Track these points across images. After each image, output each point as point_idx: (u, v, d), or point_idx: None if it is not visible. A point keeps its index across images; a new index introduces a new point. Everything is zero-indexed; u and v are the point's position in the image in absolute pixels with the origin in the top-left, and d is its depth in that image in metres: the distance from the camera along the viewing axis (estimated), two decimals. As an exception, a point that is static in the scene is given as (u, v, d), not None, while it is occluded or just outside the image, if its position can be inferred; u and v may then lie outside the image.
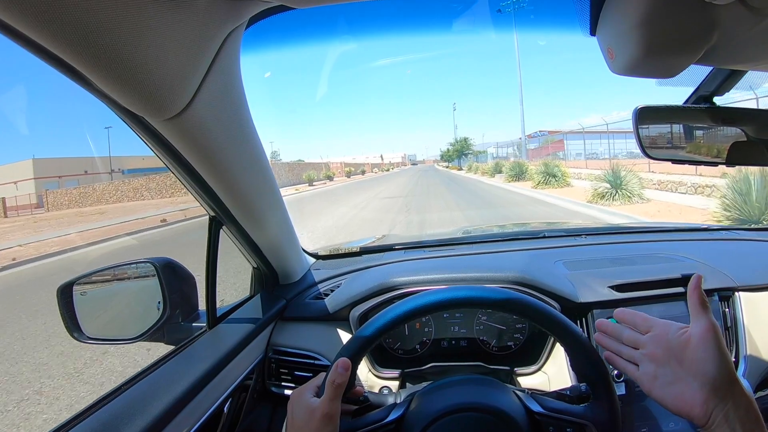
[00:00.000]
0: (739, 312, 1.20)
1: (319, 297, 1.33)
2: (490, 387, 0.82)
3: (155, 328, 1.06)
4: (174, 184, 31.96)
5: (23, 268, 10.02)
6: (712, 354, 0.65)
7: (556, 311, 0.78)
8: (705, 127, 1.03)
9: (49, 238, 14.20)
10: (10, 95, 29.72)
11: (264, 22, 0.71)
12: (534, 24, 0.91)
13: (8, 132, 47.04)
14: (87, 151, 44.79)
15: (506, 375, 1.17)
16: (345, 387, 0.74)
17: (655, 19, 0.68)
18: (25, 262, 10.48)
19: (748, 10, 0.60)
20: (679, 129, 1.02)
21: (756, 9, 0.60)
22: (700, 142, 1.01)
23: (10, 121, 36.12)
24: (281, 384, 1.20)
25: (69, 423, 0.74)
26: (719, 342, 0.66)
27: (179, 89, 0.62)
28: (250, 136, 0.88)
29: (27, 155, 47.86)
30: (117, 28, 0.48)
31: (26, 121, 36.90)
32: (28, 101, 29.01)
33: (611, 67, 0.81)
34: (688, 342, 0.68)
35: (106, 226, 15.90)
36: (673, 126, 1.01)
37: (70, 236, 14.03)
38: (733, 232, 1.68)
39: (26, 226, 20.93)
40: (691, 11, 0.66)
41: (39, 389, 3.69)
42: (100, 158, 41.76)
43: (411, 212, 12.53)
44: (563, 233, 1.72)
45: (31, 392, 3.66)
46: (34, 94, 28.94)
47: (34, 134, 49.63)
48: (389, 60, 54.57)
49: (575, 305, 1.17)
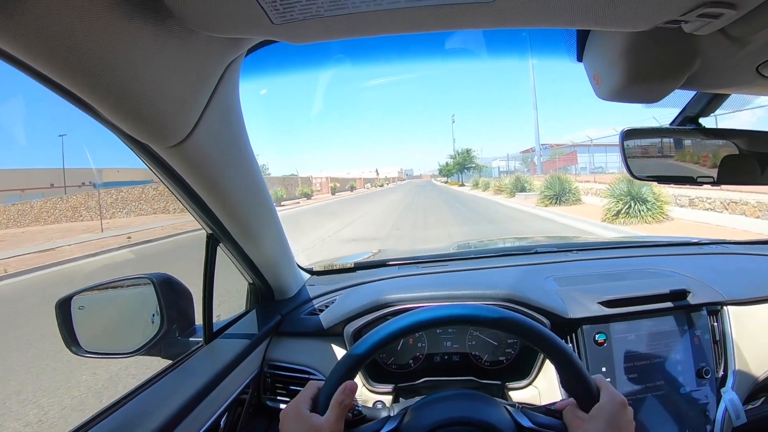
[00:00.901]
0: (727, 326, 1.22)
1: (314, 313, 1.35)
2: (481, 402, 0.83)
3: (153, 343, 1.07)
4: (120, 201, 29.10)
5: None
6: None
7: (544, 329, 0.80)
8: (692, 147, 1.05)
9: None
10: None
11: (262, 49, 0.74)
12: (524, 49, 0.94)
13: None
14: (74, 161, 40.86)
15: (498, 389, 1.18)
16: (349, 408, 0.75)
17: (639, 48, 0.71)
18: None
19: (728, 38, 0.63)
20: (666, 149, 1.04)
21: (735, 38, 0.62)
22: (689, 161, 1.03)
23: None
24: (276, 398, 1.21)
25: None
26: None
27: (182, 118, 0.65)
28: (247, 158, 0.92)
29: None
30: (123, 65, 0.51)
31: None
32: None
33: (597, 93, 0.83)
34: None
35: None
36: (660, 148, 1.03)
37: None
38: (723, 246, 1.70)
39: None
40: (674, 40, 0.69)
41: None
42: (70, 170, 37.81)
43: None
44: (555, 248, 1.73)
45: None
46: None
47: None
48: (385, 79, 54.08)
49: (565, 321, 1.19)
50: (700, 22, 0.54)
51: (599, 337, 1.16)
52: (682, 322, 1.20)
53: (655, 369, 1.16)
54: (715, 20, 0.53)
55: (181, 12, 0.48)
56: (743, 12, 0.51)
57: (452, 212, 16.74)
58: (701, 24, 0.54)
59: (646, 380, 1.15)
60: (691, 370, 1.16)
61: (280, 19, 0.50)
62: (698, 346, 1.18)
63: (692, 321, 1.20)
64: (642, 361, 1.16)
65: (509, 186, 22.59)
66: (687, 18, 0.53)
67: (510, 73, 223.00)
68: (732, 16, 0.52)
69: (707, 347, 1.19)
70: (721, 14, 0.51)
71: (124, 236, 15.20)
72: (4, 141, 41.39)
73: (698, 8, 0.50)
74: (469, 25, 0.56)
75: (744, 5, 0.50)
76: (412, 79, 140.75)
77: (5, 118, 24.92)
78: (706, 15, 0.52)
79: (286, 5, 0.47)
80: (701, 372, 1.16)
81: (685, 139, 1.03)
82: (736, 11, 0.50)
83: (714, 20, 0.53)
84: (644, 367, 1.16)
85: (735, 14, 0.51)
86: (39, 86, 0.53)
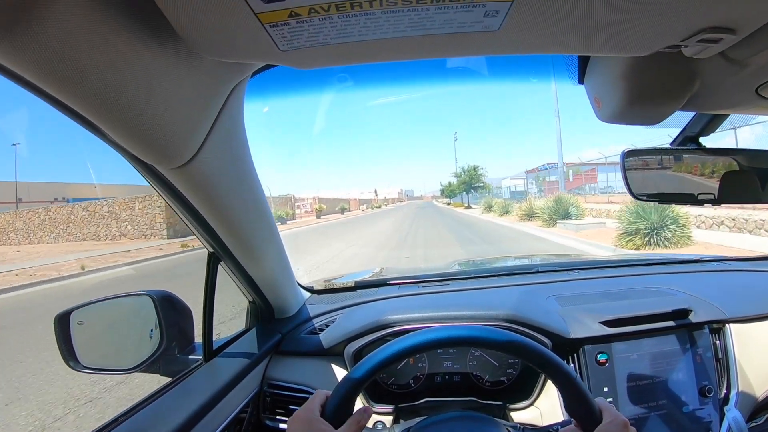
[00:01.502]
0: (729, 344, 1.21)
1: (314, 332, 1.34)
2: (483, 423, 0.83)
3: (152, 360, 1.06)
4: (48, 222, 25.95)
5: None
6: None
7: (547, 351, 0.80)
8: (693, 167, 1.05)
9: None
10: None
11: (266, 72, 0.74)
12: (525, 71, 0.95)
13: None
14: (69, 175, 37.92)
15: (499, 410, 1.17)
16: (362, 429, 0.74)
17: (640, 71, 0.72)
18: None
19: (727, 61, 0.63)
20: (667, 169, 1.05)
21: (735, 60, 0.63)
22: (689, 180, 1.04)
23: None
24: (276, 418, 1.20)
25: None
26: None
27: (187, 140, 0.66)
28: (251, 178, 0.92)
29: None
30: (132, 88, 0.52)
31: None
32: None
33: (598, 115, 0.84)
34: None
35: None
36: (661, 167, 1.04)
37: None
38: (725, 263, 1.70)
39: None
40: (674, 63, 0.70)
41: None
42: (39, 184, 36.25)
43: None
44: (556, 268, 1.73)
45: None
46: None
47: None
48: (386, 99, 53.62)
49: (567, 341, 1.18)
50: (700, 46, 0.55)
51: (601, 357, 1.16)
52: (685, 341, 1.19)
53: (657, 388, 1.15)
54: (715, 44, 0.54)
55: (190, 37, 0.49)
56: (742, 36, 0.51)
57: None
58: (701, 48, 0.55)
59: (649, 399, 1.14)
60: (694, 389, 1.16)
61: (287, 46, 0.51)
62: (701, 365, 1.18)
63: (694, 339, 1.20)
64: (644, 381, 1.15)
65: (548, 211, 16.18)
66: (687, 43, 0.54)
67: (514, 92, 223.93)
68: (731, 40, 0.52)
69: (710, 365, 1.18)
70: (721, 39, 0.52)
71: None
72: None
73: (698, 34, 0.51)
74: (473, 53, 0.56)
75: (743, 29, 0.50)
76: (413, 101, 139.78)
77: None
78: (706, 40, 0.52)
79: (293, 33, 0.48)
80: (704, 390, 1.15)
81: (686, 158, 1.04)
82: (736, 35, 0.51)
83: (714, 45, 0.54)
84: (647, 386, 1.15)
85: (734, 38, 0.52)
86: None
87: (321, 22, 0.46)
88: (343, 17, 0.46)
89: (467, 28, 0.49)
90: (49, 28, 0.41)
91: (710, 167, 1.01)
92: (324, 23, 0.47)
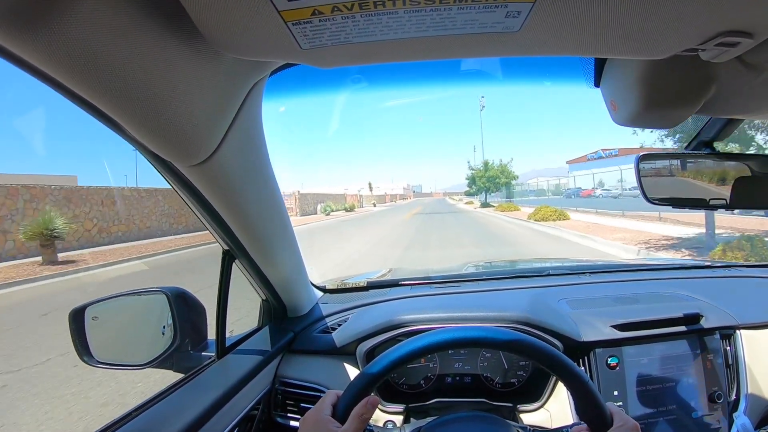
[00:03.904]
0: (740, 350, 1.21)
1: (327, 331, 1.35)
2: (493, 424, 0.83)
3: (165, 356, 1.07)
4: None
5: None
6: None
7: (561, 354, 0.80)
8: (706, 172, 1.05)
9: None
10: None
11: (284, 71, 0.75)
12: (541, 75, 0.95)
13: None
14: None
15: (509, 411, 1.17)
16: (368, 422, 0.75)
17: (656, 75, 0.72)
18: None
19: (744, 66, 0.64)
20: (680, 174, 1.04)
21: (752, 65, 0.63)
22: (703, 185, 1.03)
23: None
24: (287, 415, 1.21)
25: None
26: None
27: (206, 138, 0.67)
28: (268, 177, 0.93)
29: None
30: (152, 85, 0.52)
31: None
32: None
33: (614, 119, 0.84)
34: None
35: None
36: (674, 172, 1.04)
37: None
38: (736, 269, 1.69)
39: None
40: (690, 68, 0.70)
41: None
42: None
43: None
44: (567, 271, 1.72)
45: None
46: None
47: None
48: (398, 101, 51.88)
49: (578, 344, 1.18)
50: (717, 50, 0.55)
51: (612, 361, 1.16)
52: (695, 346, 1.19)
53: (667, 393, 1.15)
54: (733, 48, 0.54)
55: (212, 36, 0.50)
56: (760, 40, 0.52)
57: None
58: (718, 52, 0.55)
59: (659, 404, 1.14)
60: (704, 395, 1.15)
61: (308, 44, 0.51)
62: (711, 370, 1.17)
63: (705, 345, 1.19)
64: (654, 385, 1.15)
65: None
66: (705, 47, 0.54)
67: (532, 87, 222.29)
68: (749, 45, 0.53)
69: (720, 371, 1.18)
70: (738, 43, 0.52)
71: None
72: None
73: (716, 38, 0.51)
74: (493, 54, 0.57)
75: (761, 34, 0.51)
76: (426, 102, 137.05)
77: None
78: (723, 44, 0.52)
79: (315, 32, 0.48)
80: (713, 396, 1.15)
81: (700, 163, 1.04)
82: (753, 40, 0.51)
83: (731, 48, 0.54)
84: (656, 391, 1.15)
85: (752, 42, 0.52)
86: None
87: (344, 20, 0.47)
88: (366, 16, 0.46)
89: (488, 29, 0.49)
90: (73, 24, 0.42)
91: (722, 173, 1.01)
92: (346, 22, 0.47)
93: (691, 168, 1.05)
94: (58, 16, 0.41)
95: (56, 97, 0.53)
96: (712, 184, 1.02)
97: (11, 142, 11.90)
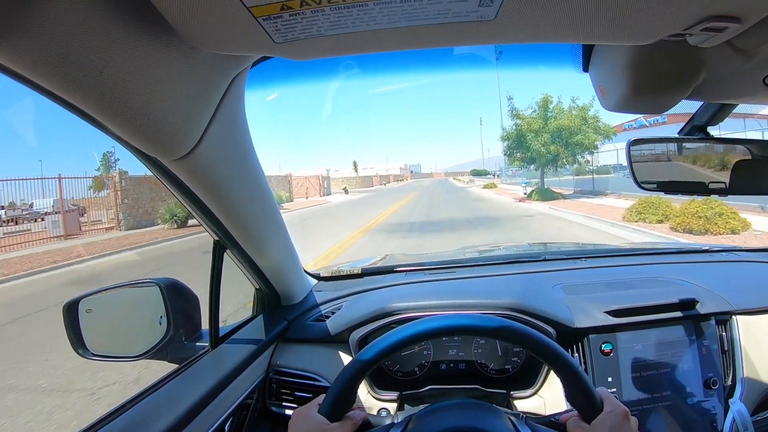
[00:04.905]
0: (736, 335, 1.21)
1: (320, 319, 1.35)
2: (485, 412, 0.83)
3: (159, 347, 1.08)
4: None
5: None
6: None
7: (550, 341, 0.80)
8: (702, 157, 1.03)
9: None
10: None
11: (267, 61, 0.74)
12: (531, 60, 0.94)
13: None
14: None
15: (503, 398, 1.18)
16: (360, 423, 0.79)
17: (644, 60, 0.71)
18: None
19: (734, 50, 0.62)
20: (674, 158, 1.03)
21: (741, 50, 0.62)
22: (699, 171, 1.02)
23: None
24: (282, 404, 1.22)
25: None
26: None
27: (188, 132, 0.67)
28: (253, 167, 0.93)
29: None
30: (129, 83, 0.52)
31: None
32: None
33: (603, 104, 0.83)
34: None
35: None
36: (669, 156, 1.03)
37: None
38: (733, 253, 1.68)
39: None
40: (679, 53, 0.69)
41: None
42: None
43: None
44: (563, 256, 1.72)
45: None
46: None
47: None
48: (388, 87, 49.64)
49: (571, 330, 1.18)
50: (704, 35, 0.54)
51: (605, 347, 1.16)
52: (690, 332, 1.19)
53: (662, 379, 1.15)
54: (720, 33, 0.53)
55: (185, 30, 0.49)
56: (748, 25, 0.51)
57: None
58: (706, 37, 0.54)
59: (653, 390, 1.14)
60: (699, 381, 1.15)
61: (281, 38, 0.51)
62: (706, 356, 1.17)
63: (700, 330, 1.19)
64: (649, 371, 1.15)
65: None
66: (691, 32, 0.53)
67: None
68: (737, 29, 0.52)
69: (715, 357, 1.18)
70: (726, 28, 0.51)
71: None
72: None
73: (702, 22, 0.50)
74: (471, 42, 0.56)
75: (749, 19, 0.50)
76: (420, 87, 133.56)
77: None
78: (710, 29, 0.52)
79: (287, 26, 0.48)
80: (709, 382, 1.15)
81: (693, 148, 1.02)
82: (741, 24, 0.50)
83: (719, 33, 0.53)
84: (651, 377, 1.15)
85: (740, 27, 0.51)
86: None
87: (313, 14, 0.46)
88: (336, 9, 0.46)
89: (463, 18, 0.48)
90: (47, 27, 0.42)
91: (721, 157, 1.00)
92: (317, 15, 0.47)
93: (686, 152, 1.04)
94: (34, 19, 0.40)
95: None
96: (710, 169, 1.01)
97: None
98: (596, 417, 0.75)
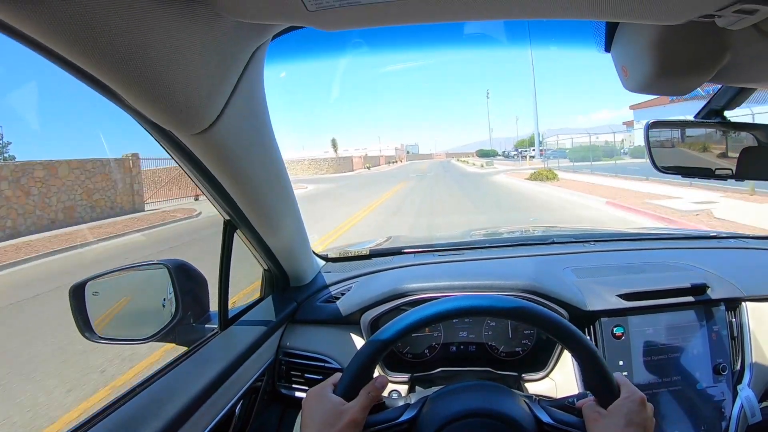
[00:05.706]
0: (745, 322, 1.21)
1: (330, 300, 1.34)
2: (501, 394, 0.83)
3: (167, 329, 1.07)
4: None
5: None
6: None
7: (570, 324, 0.79)
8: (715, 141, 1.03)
9: None
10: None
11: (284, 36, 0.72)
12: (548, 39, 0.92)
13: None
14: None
15: (514, 381, 1.18)
16: (376, 400, 0.77)
17: (669, 41, 0.69)
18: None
19: (760, 34, 0.61)
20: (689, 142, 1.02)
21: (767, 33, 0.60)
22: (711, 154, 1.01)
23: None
24: (291, 386, 1.21)
25: (85, 424, 0.75)
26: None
27: (207, 106, 0.64)
28: (270, 145, 0.91)
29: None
30: (149, 50, 0.50)
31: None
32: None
33: (625, 85, 0.81)
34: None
35: None
36: (685, 139, 1.02)
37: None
38: (742, 240, 1.68)
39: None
40: (705, 34, 0.68)
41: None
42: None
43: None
44: (572, 239, 1.72)
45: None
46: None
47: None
48: (401, 66, 45.96)
49: (583, 313, 1.18)
50: (734, 17, 0.53)
51: (617, 330, 1.16)
52: (701, 317, 1.19)
53: (672, 364, 1.15)
54: (750, 16, 0.52)
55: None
56: None
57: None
58: (736, 19, 0.53)
59: (663, 375, 1.14)
60: (708, 366, 1.16)
61: (315, 6, 0.49)
62: (716, 342, 1.17)
63: (711, 316, 1.19)
64: (659, 356, 1.15)
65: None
66: (722, 13, 0.52)
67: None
68: (767, 12, 0.50)
69: (725, 343, 1.18)
70: (757, 10, 0.50)
71: None
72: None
73: (734, 4, 0.49)
74: (501, 16, 0.54)
75: None
76: (434, 66, 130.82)
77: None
78: (741, 11, 0.50)
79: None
80: (718, 368, 1.15)
81: (709, 131, 1.01)
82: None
83: (749, 16, 0.52)
84: (661, 361, 1.15)
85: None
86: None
87: None
88: None
89: None
90: None
91: (730, 142, 0.99)
92: None
93: (699, 136, 1.03)
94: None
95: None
96: (719, 154, 1.00)
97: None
98: (613, 402, 0.75)
